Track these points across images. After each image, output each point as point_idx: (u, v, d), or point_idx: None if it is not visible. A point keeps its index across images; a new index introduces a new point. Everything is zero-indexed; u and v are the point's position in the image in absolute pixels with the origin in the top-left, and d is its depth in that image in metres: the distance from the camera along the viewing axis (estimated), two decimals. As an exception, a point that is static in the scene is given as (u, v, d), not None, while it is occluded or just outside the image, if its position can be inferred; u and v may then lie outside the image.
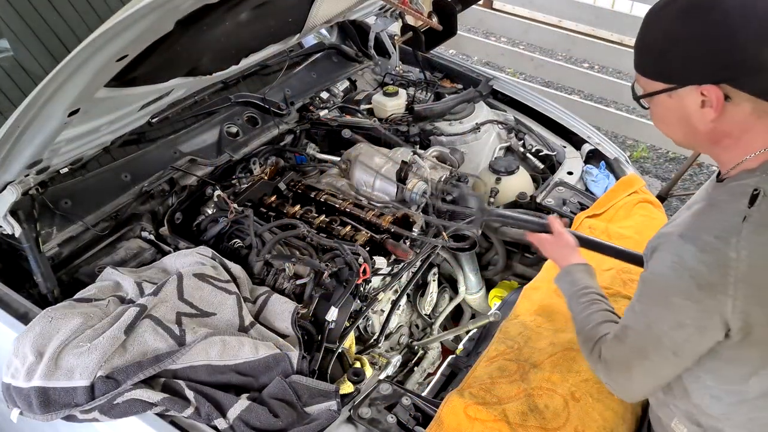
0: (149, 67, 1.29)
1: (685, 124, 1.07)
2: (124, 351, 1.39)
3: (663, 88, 1.04)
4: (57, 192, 1.73)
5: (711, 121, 1.03)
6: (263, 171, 2.16)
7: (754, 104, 1.00)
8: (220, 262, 1.68)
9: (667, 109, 1.07)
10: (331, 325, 1.63)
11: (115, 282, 1.61)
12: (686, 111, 1.04)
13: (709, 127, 1.04)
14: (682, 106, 1.04)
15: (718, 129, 1.04)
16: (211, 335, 1.45)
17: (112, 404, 1.32)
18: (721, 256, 0.99)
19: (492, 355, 1.61)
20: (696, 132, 1.07)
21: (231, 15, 1.34)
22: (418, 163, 2.10)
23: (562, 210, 2.17)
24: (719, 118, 1.02)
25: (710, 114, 1.02)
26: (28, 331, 1.40)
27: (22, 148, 1.33)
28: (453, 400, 1.44)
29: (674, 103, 1.05)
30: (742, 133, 1.04)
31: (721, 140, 1.06)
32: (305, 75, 2.52)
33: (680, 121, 1.07)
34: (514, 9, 5.11)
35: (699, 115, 1.03)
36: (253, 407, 1.35)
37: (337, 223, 1.93)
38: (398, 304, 1.95)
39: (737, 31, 0.94)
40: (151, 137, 2.03)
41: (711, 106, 1.01)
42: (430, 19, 1.44)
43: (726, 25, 0.95)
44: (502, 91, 2.63)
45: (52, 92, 1.15)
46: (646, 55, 1.06)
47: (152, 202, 1.93)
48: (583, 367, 1.52)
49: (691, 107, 1.03)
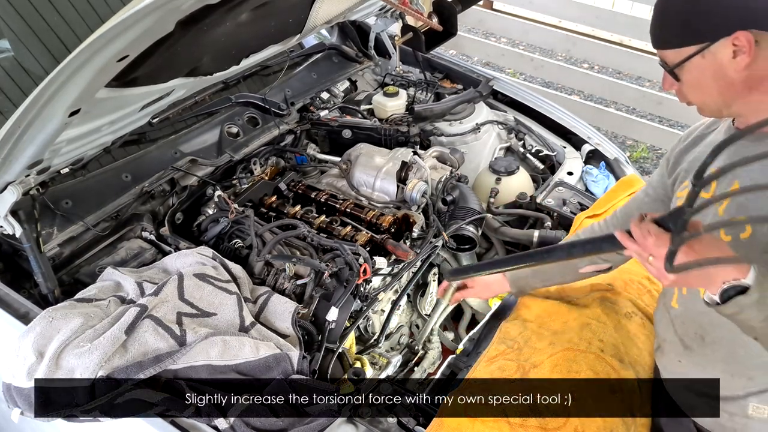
0: (150, 68, 1.29)
1: (721, 79, 1.10)
2: (124, 351, 1.39)
3: (695, 50, 1.08)
4: (58, 192, 1.74)
5: (745, 67, 1.07)
6: (264, 171, 2.17)
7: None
8: (220, 263, 1.68)
9: (701, 70, 1.10)
10: (332, 325, 1.63)
11: (115, 282, 1.61)
12: (720, 65, 1.08)
13: (744, 75, 1.08)
14: (715, 61, 1.08)
15: (754, 75, 1.08)
16: (211, 335, 1.46)
17: (113, 404, 1.32)
18: None
19: (492, 355, 1.61)
20: (732, 84, 1.10)
21: (231, 15, 1.34)
22: (418, 164, 2.11)
23: (562, 210, 2.18)
24: (752, 63, 1.06)
25: (744, 60, 1.06)
26: (29, 331, 1.40)
27: (22, 149, 1.34)
28: (453, 400, 1.44)
29: (707, 61, 1.09)
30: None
31: (759, 85, 1.09)
32: (306, 75, 2.52)
33: (716, 79, 1.10)
34: (514, 9, 5.11)
35: (733, 65, 1.07)
36: (253, 407, 1.35)
37: (337, 224, 1.94)
38: (398, 304, 1.95)
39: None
40: (152, 137, 2.03)
41: (744, 52, 1.05)
42: (430, 20, 1.44)
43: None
44: (502, 91, 2.63)
45: (52, 92, 1.15)
46: (671, 26, 1.11)
47: (153, 203, 1.93)
48: (583, 368, 1.53)
49: (724, 60, 1.07)
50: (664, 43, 1.13)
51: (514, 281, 1.60)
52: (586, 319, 1.66)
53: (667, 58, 1.14)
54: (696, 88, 1.15)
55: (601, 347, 1.57)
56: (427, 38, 2.07)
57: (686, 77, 1.14)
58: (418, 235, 1.95)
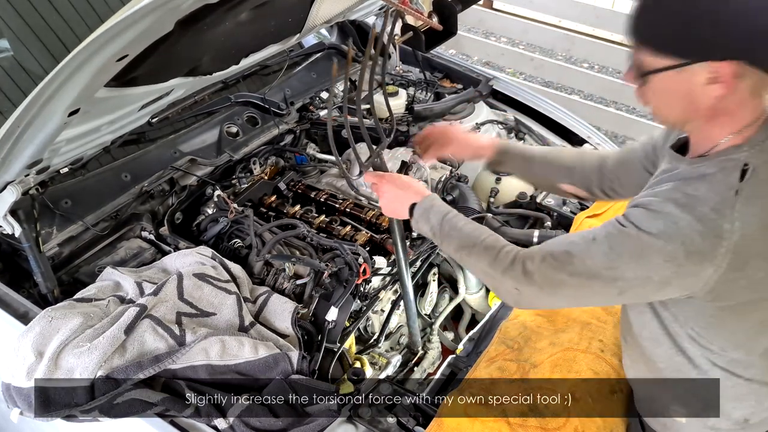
0: (149, 67, 1.29)
1: (688, 100, 1.04)
2: (124, 351, 1.39)
3: (672, 64, 1.01)
4: (57, 192, 1.73)
5: (715, 97, 1.01)
6: (263, 171, 2.17)
7: (757, 81, 1.00)
8: (220, 262, 1.68)
9: (671, 84, 1.04)
10: (331, 325, 1.63)
11: (115, 282, 1.61)
12: (692, 87, 1.02)
13: (711, 103, 1.02)
14: (689, 82, 1.01)
15: (719, 106, 1.02)
16: (211, 335, 1.45)
17: (112, 404, 1.32)
18: (717, 227, 1.01)
19: (492, 355, 1.61)
20: (696, 109, 1.05)
21: (231, 15, 1.34)
22: (418, 163, 2.11)
23: (562, 210, 2.18)
24: (727, 95, 1.00)
25: (717, 90, 1.00)
26: (28, 331, 1.40)
27: (22, 148, 1.33)
28: (453, 400, 1.44)
29: (681, 78, 1.02)
30: (738, 110, 1.04)
31: (719, 117, 1.05)
32: (305, 75, 2.52)
33: (681, 98, 1.05)
34: (514, 9, 5.12)
35: (704, 91, 1.01)
36: (253, 407, 1.35)
37: (337, 223, 1.94)
38: (398, 304, 1.95)
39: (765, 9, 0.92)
40: (151, 137, 2.03)
41: (721, 82, 0.98)
42: (430, 19, 1.44)
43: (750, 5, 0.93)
44: (502, 91, 2.63)
45: (52, 92, 1.15)
46: (659, 26, 1.01)
47: (152, 202, 1.93)
48: (583, 368, 1.52)
49: (698, 83, 1.00)
50: (645, 41, 1.04)
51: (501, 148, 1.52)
52: (586, 319, 1.66)
53: (641, 57, 1.05)
54: (659, 97, 1.09)
55: (601, 347, 1.57)
56: (426, 38, 2.07)
57: (654, 84, 1.06)
58: (418, 235, 1.95)
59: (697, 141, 1.12)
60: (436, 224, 1.28)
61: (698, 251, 1.02)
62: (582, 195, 1.55)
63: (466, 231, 1.25)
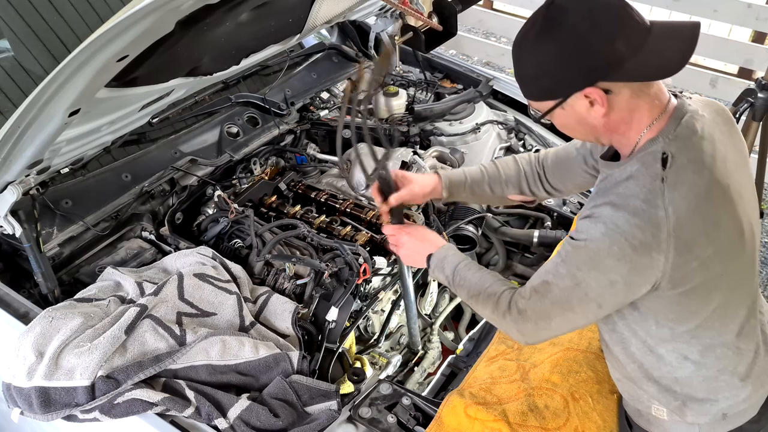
0: (150, 68, 1.29)
1: (584, 124, 1.17)
2: (124, 351, 1.40)
3: (553, 105, 1.16)
4: (57, 192, 1.74)
5: (603, 115, 1.13)
6: (264, 171, 2.17)
7: (630, 88, 1.12)
8: (220, 262, 1.68)
9: (564, 117, 1.19)
10: (332, 325, 1.63)
11: (115, 282, 1.61)
12: (580, 114, 1.15)
13: (603, 120, 1.14)
14: (575, 111, 1.15)
15: (612, 119, 1.14)
16: (211, 335, 1.46)
17: (113, 404, 1.32)
18: (652, 217, 1.08)
19: (492, 355, 1.61)
20: (595, 128, 1.17)
21: (231, 15, 1.34)
22: (418, 164, 2.11)
23: (562, 210, 2.18)
24: (608, 111, 1.12)
25: (600, 110, 1.12)
26: (29, 331, 1.40)
27: (22, 148, 1.34)
28: (453, 400, 1.44)
29: (568, 111, 1.16)
30: (632, 115, 1.14)
31: (618, 127, 1.16)
32: (305, 75, 2.52)
33: (579, 124, 1.18)
34: (514, 9, 5.12)
35: (592, 113, 1.14)
36: (253, 407, 1.35)
37: (337, 224, 1.94)
38: (398, 304, 1.95)
39: (589, 39, 1.06)
40: (152, 137, 2.03)
41: (598, 103, 1.11)
42: (430, 20, 1.44)
43: (578, 37, 1.07)
44: (502, 91, 2.63)
45: (52, 92, 1.15)
46: (526, 84, 1.19)
47: (153, 202, 1.93)
48: (583, 368, 1.53)
49: (582, 110, 1.14)
50: (526, 96, 1.21)
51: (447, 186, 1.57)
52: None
53: (535, 108, 1.21)
54: (566, 128, 1.23)
55: (600, 347, 1.57)
56: (427, 38, 2.07)
57: (555, 121, 1.21)
58: (418, 235, 1.95)
59: (619, 147, 1.22)
60: (450, 274, 1.38)
61: (642, 243, 1.08)
62: (528, 199, 1.63)
63: (473, 281, 1.35)
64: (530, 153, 1.62)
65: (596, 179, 1.47)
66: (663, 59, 1.08)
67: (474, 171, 1.60)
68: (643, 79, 1.11)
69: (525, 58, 1.15)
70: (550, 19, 1.09)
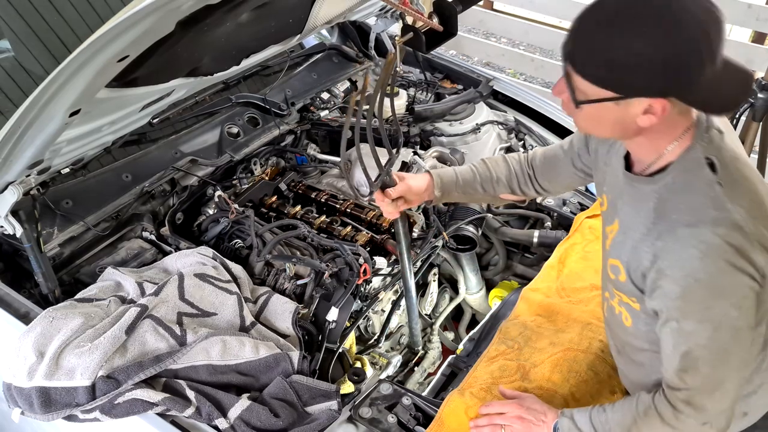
0: (150, 68, 1.29)
1: (619, 125, 1.07)
2: (125, 351, 1.40)
3: (609, 96, 1.02)
4: (58, 192, 1.74)
5: (647, 124, 1.04)
6: (264, 171, 2.17)
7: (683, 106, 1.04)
8: (221, 263, 1.68)
9: (606, 112, 1.06)
10: (332, 325, 1.63)
11: (116, 282, 1.62)
12: (626, 116, 1.04)
13: (643, 128, 1.06)
14: (624, 112, 1.04)
15: (650, 128, 1.06)
16: (211, 335, 1.46)
17: (113, 404, 1.32)
18: (732, 221, 1.02)
19: (492, 355, 1.61)
20: (627, 129, 1.08)
21: (232, 16, 1.34)
22: (418, 164, 2.11)
23: (562, 210, 2.18)
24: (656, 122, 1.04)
25: (650, 120, 1.03)
26: (29, 331, 1.40)
27: (23, 149, 1.34)
28: (454, 400, 1.44)
29: (618, 109, 1.04)
30: (668, 128, 1.08)
31: (650, 134, 1.09)
32: (306, 75, 2.52)
33: (614, 123, 1.07)
34: (514, 10, 5.12)
35: (638, 119, 1.04)
36: (253, 407, 1.35)
37: (337, 224, 1.94)
38: (399, 304, 1.95)
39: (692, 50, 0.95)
40: (152, 138, 2.03)
41: (654, 114, 1.02)
42: (431, 20, 1.44)
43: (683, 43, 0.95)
44: (502, 91, 2.63)
45: (53, 93, 1.15)
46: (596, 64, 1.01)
47: (153, 203, 1.93)
48: (583, 368, 1.53)
49: (632, 113, 1.03)
50: (586, 74, 1.03)
51: (439, 186, 1.54)
52: (586, 319, 1.66)
53: (578, 84, 1.04)
54: (592, 120, 1.10)
55: (601, 347, 1.57)
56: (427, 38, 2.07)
57: (589, 109, 1.07)
58: (418, 236, 1.96)
59: (638, 151, 1.15)
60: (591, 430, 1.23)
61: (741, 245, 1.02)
62: (519, 199, 1.61)
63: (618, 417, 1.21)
64: (519, 153, 1.60)
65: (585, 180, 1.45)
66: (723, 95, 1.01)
67: (465, 170, 1.57)
68: (705, 109, 1.05)
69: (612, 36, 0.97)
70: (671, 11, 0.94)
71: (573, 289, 1.80)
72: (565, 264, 1.88)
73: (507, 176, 1.55)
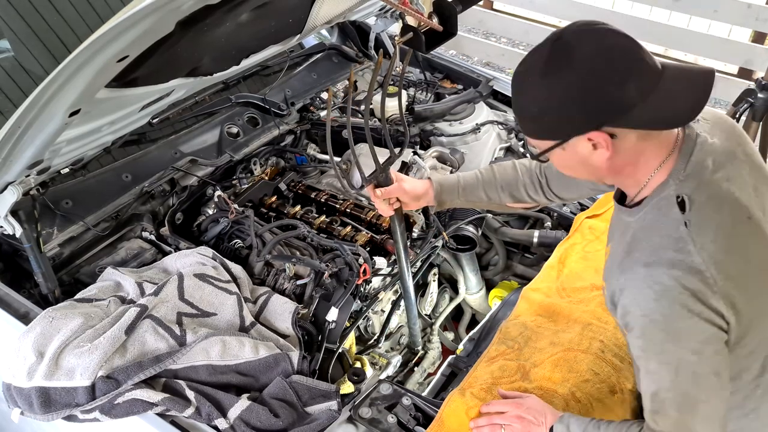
0: (150, 68, 1.29)
1: (587, 165, 1.11)
2: (124, 351, 1.40)
3: (553, 144, 1.09)
4: (58, 192, 1.74)
5: (607, 159, 1.07)
6: (264, 171, 2.17)
7: (637, 132, 1.06)
8: (220, 263, 1.68)
9: (565, 158, 1.12)
10: (332, 326, 1.63)
11: (115, 282, 1.62)
12: (582, 156, 1.09)
13: (608, 163, 1.09)
14: (576, 153, 1.09)
15: (617, 163, 1.09)
16: (211, 335, 1.46)
17: (113, 404, 1.32)
18: (691, 265, 1.02)
19: (492, 355, 1.61)
20: (598, 169, 1.11)
21: (232, 16, 1.34)
22: (418, 164, 2.11)
23: (562, 210, 2.18)
24: (613, 155, 1.06)
25: (604, 153, 1.06)
26: (29, 331, 1.40)
27: (23, 149, 1.34)
28: (454, 401, 1.44)
29: (569, 153, 1.10)
30: (638, 157, 1.09)
31: (623, 170, 1.11)
32: (306, 75, 2.52)
33: (581, 165, 1.12)
34: (514, 10, 5.12)
35: (595, 156, 1.08)
36: (253, 407, 1.35)
37: (337, 224, 1.94)
38: (398, 304, 1.95)
39: (597, 81, 1.00)
40: (152, 138, 2.03)
41: (602, 147, 1.05)
42: (431, 20, 1.43)
43: (584, 78, 1.00)
44: (502, 91, 2.63)
45: (52, 93, 1.15)
46: (526, 120, 1.11)
47: (153, 203, 1.93)
48: (584, 368, 1.52)
49: (585, 152, 1.08)
50: (526, 132, 1.15)
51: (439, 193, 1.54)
52: (587, 319, 1.66)
53: (531, 142, 1.15)
54: (566, 169, 1.17)
55: (602, 348, 1.57)
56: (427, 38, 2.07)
57: (554, 161, 1.16)
58: (418, 236, 1.96)
59: (625, 188, 1.18)
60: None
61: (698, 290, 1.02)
62: (529, 206, 1.61)
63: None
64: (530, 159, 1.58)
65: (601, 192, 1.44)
66: (673, 107, 1.02)
67: (468, 176, 1.56)
68: (652, 127, 1.06)
69: (527, 93, 1.09)
70: (556, 57, 1.02)
71: (573, 289, 1.80)
72: (565, 264, 1.88)
73: (515, 182, 1.54)
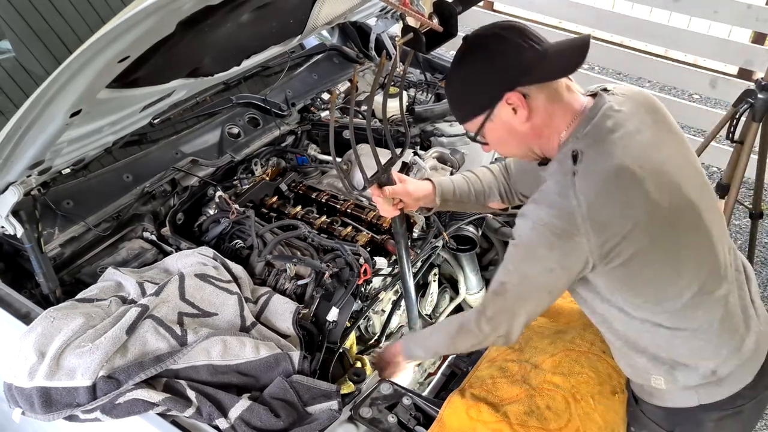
0: (151, 69, 1.30)
1: (513, 133, 1.31)
2: (125, 351, 1.40)
3: (483, 117, 1.31)
4: (59, 192, 1.74)
5: (527, 120, 1.28)
6: (264, 172, 2.17)
7: (545, 92, 1.27)
8: (221, 263, 1.68)
9: (495, 130, 1.33)
10: (332, 326, 1.63)
11: (116, 282, 1.62)
12: (508, 123, 1.30)
13: (528, 126, 1.29)
14: (503, 121, 1.30)
15: (535, 124, 1.29)
16: (212, 335, 1.46)
17: (114, 404, 1.33)
18: (566, 206, 1.22)
19: (493, 355, 1.61)
20: (524, 135, 1.31)
21: (232, 16, 1.34)
22: (418, 164, 2.11)
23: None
24: (530, 114, 1.27)
25: (523, 113, 1.27)
26: (30, 332, 1.40)
27: (24, 149, 1.34)
28: (455, 401, 1.44)
29: (497, 123, 1.31)
30: (551, 119, 1.29)
31: (542, 132, 1.31)
32: (306, 76, 2.52)
33: (510, 134, 1.32)
34: (514, 10, 5.12)
35: (517, 120, 1.28)
36: (254, 407, 1.35)
37: (338, 224, 1.94)
38: (399, 304, 1.95)
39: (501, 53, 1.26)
40: (153, 138, 2.03)
41: (520, 107, 1.26)
42: (431, 20, 1.44)
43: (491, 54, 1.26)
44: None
45: (53, 93, 1.15)
46: (457, 107, 1.37)
47: (154, 203, 1.93)
48: (584, 368, 1.53)
49: (508, 117, 1.29)
50: (462, 120, 1.37)
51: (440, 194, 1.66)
52: (587, 320, 1.66)
53: (469, 129, 1.37)
54: (500, 144, 1.37)
55: (602, 348, 1.57)
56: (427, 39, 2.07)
57: (489, 138, 1.36)
58: (418, 236, 1.96)
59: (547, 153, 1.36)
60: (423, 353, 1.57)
61: (563, 230, 1.22)
62: (505, 206, 1.73)
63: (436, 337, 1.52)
64: (500, 161, 1.73)
65: None
66: (563, 63, 1.26)
67: (459, 180, 1.70)
68: (551, 78, 1.27)
69: (451, 83, 1.34)
70: (466, 48, 1.30)
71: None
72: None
73: (495, 184, 1.69)
